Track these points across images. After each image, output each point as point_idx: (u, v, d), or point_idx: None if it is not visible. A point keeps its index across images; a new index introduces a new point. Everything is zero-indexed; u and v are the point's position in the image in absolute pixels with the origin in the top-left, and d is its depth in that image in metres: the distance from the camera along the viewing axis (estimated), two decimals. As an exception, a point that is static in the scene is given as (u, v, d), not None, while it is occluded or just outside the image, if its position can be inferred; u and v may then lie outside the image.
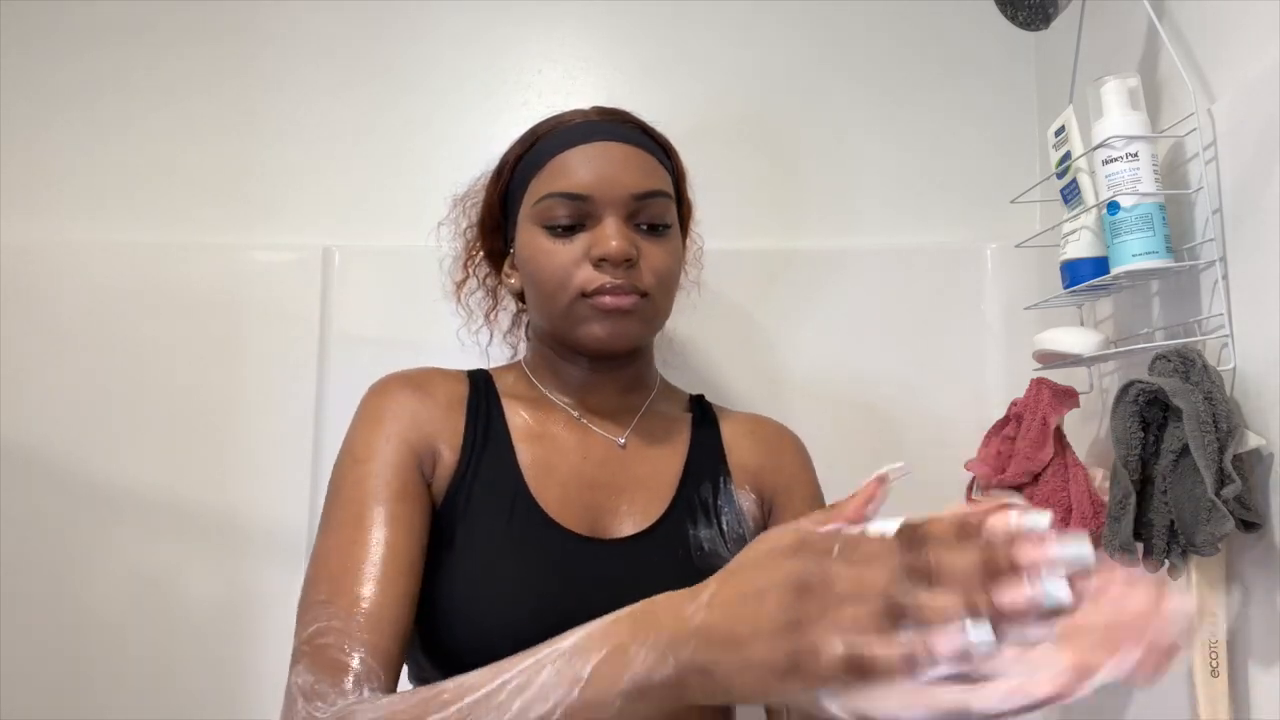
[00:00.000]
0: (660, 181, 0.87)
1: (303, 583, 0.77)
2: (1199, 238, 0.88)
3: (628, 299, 0.82)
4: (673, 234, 0.88)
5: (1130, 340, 1.01)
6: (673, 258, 0.87)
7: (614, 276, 0.82)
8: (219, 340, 1.25)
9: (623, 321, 0.83)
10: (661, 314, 0.88)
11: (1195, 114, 0.87)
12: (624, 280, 0.82)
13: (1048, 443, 0.99)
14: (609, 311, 0.82)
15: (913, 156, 1.35)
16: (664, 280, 0.86)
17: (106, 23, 1.35)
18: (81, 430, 1.23)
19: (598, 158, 0.84)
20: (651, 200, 0.85)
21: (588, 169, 0.84)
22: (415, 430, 0.82)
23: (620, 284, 0.82)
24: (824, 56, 1.37)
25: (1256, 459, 0.79)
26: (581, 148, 0.85)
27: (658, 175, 0.87)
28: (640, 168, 0.86)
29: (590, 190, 0.83)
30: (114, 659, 1.19)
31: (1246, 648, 0.81)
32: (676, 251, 0.88)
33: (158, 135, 1.34)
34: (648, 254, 0.84)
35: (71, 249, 1.28)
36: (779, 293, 1.28)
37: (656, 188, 0.86)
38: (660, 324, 0.90)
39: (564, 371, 0.91)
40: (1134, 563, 0.84)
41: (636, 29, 1.37)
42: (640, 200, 0.84)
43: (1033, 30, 1.03)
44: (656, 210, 0.86)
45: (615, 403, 0.91)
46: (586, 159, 0.84)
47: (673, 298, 0.90)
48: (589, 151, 0.85)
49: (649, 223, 0.85)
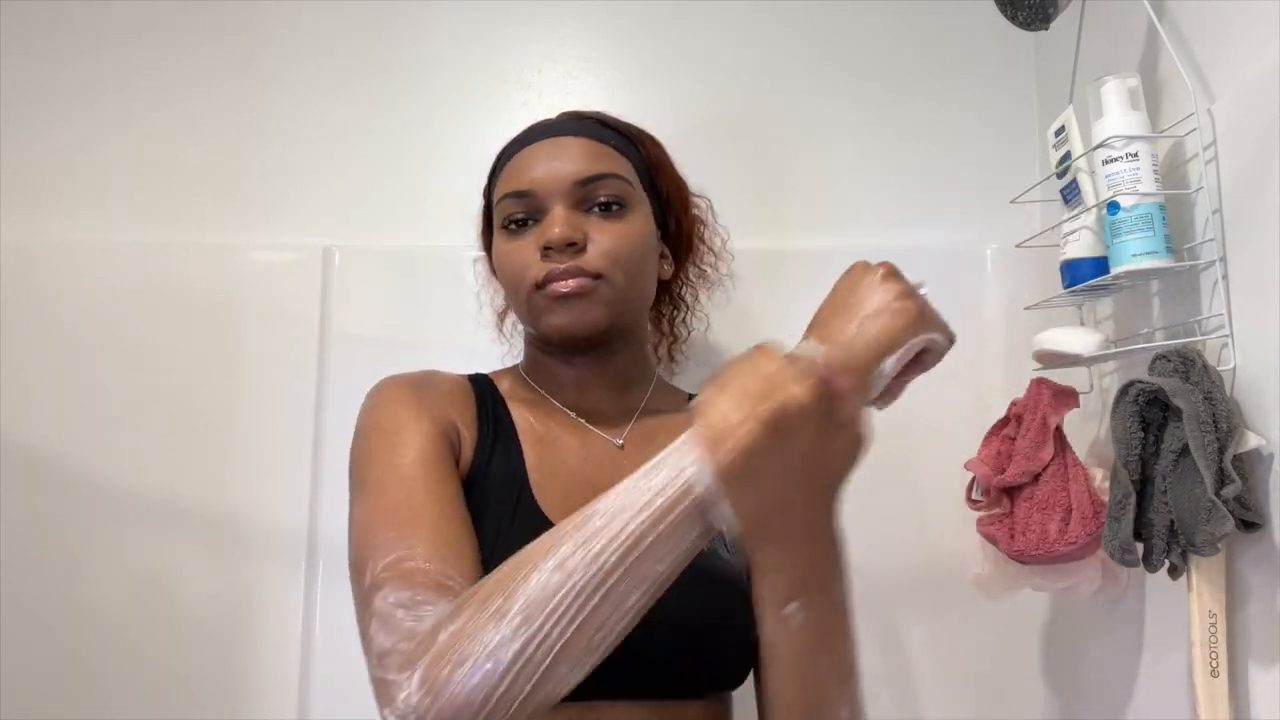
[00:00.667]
0: (608, 165, 0.87)
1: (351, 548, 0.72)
2: (1199, 238, 0.88)
3: (575, 281, 0.82)
4: (630, 215, 0.87)
5: (1130, 340, 1.01)
6: (628, 238, 0.86)
7: (559, 262, 0.83)
8: (219, 340, 1.25)
9: (577, 305, 0.83)
10: (625, 295, 0.86)
11: (1195, 114, 0.87)
12: (570, 264, 0.82)
13: (1048, 443, 0.99)
14: (561, 298, 0.83)
15: (913, 156, 1.35)
16: (618, 260, 0.84)
17: (107, 23, 1.35)
18: (81, 430, 1.23)
19: (541, 153, 0.87)
20: (597, 182, 0.86)
21: (532, 165, 0.87)
22: (437, 408, 0.82)
23: (567, 268, 0.82)
24: (824, 56, 1.37)
25: (1256, 459, 0.79)
26: (529, 148, 0.88)
27: (606, 159, 0.87)
28: (584, 154, 0.87)
29: (533, 185, 0.85)
30: (114, 659, 1.19)
31: (1246, 648, 0.81)
32: (634, 232, 0.87)
33: (158, 135, 1.33)
34: (598, 236, 0.84)
35: (71, 249, 1.28)
36: (778, 293, 1.28)
37: (601, 171, 0.86)
38: (630, 307, 0.88)
39: (556, 371, 0.91)
40: (1134, 563, 0.84)
41: (637, 29, 1.37)
42: (584, 185, 0.85)
43: (1033, 30, 1.03)
44: (606, 190, 0.86)
45: (610, 402, 0.91)
46: (532, 157, 0.87)
47: (638, 278, 0.88)
48: (535, 149, 0.88)
49: (599, 203, 0.85)
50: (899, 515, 1.23)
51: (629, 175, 0.89)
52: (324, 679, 1.19)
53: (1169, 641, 0.92)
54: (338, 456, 1.24)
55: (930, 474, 1.21)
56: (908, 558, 1.23)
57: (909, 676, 1.22)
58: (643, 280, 0.89)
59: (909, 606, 1.22)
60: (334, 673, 1.20)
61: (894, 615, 1.23)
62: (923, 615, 1.22)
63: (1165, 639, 0.94)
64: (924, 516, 1.23)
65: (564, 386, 0.91)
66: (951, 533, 1.15)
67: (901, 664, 1.23)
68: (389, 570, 0.67)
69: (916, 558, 1.22)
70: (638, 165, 0.91)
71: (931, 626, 1.22)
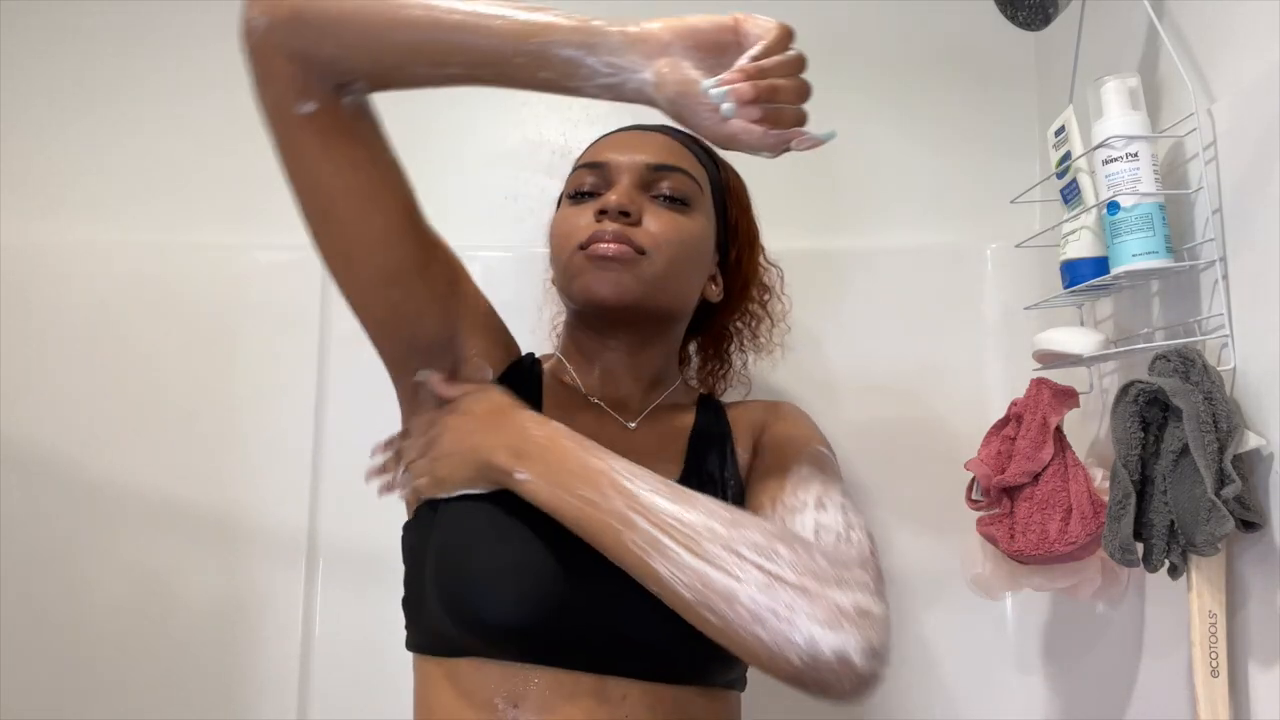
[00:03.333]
0: (684, 161, 0.89)
1: None
2: (1199, 238, 0.88)
3: (617, 246, 0.82)
4: (691, 214, 0.88)
5: (1130, 340, 1.01)
6: (682, 231, 0.86)
7: (606, 230, 0.83)
8: (219, 340, 1.25)
9: (613, 271, 0.82)
10: (661, 280, 0.84)
11: (1195, 114, 0.87)
12: (619, 229, 0.83)
13: (1048, 443, 0.99)
14: (600, 259, 0.83)
15: (913, 156, 1.35)
16: (666, 245, 0.84)
17: (108, 25, 1.35)
18: (82, 430, 1.23)
19: (623, 139, 0.91)
20: (668, 173, 0.87)
21: (611, 146, 0.90)
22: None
23: (615, 232, 0.83)
24: (824, 56, 1.35)
25: (1256, 459, 0.79)
26: (614, 134, 0.92)
27: (683, 157, 0.89)
28: (663, 146, 0.89)
29: (608, 158, 0.88)
30: (114, 659, 1.19)
31: (1246, 648, 0.81)
32: (689, 228, 0.87)
33: (158, 136, 1.33)
34: (654, 218, 0.85)
35: (71, 249, 1.28)
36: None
37: (673, 163, 0.88)
38: (664, 295, 0.86)
39: (588, 355, 0.92)
40: (1134, 563, 0.84)
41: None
42: (655, 171, 0.87)
43: (1033, 30, 1.03)
44: (674, 184, 0.87)
45: (633, 393, 0.92)
46: (614, 140, 0.91)
47: (681, 271, 0.87)
48: (619, 136, 0.92)
49: (665, 194, 0.87)
50: (899, 515, 1.23)
51: (700, 179, 0.90)
52: (324, 679, 1.20)
53: (1169, 641, 0.92)
54: (338, 456, 1.25)
55: (930, 474, 1.21)
56: (908, 557, 1.23)
57: (909, 676, 1.22)
58: (685, 275, 0.88)
59: (909, 606, 1.22)
60: (334, 673, 1.20)
61: (893, 614, 1.23)
62: (922, 615, 1.22)
63: (1165, 639, 0.94)
64: (924, 516, 1.23)
65: (593, 373, 0.92)
66: (951, 533, 1.15)
67: (901, 663, 1.23)
68: None
69: (916, 558, 1.23)
70: (712, 179, 0.93)
71: (931, 626, 1.22)
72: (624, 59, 0.66)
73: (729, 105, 0.63)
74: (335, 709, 1.19)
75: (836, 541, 0.70)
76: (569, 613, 0.73)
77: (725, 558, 0.63)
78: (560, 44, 0.66)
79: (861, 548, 0.70)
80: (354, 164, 0.75)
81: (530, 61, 0.67)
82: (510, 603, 0.72)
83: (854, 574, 0.65)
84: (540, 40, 0.66)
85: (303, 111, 0.72)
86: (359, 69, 0.72)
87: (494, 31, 0.67)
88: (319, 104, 0.72)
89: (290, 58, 0.70)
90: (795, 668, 0.61)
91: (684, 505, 0.66)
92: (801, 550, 0.65)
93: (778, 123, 0.65)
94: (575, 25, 0.66)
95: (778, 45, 0.66)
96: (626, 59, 0.66)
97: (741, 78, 0.64)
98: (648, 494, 0.67)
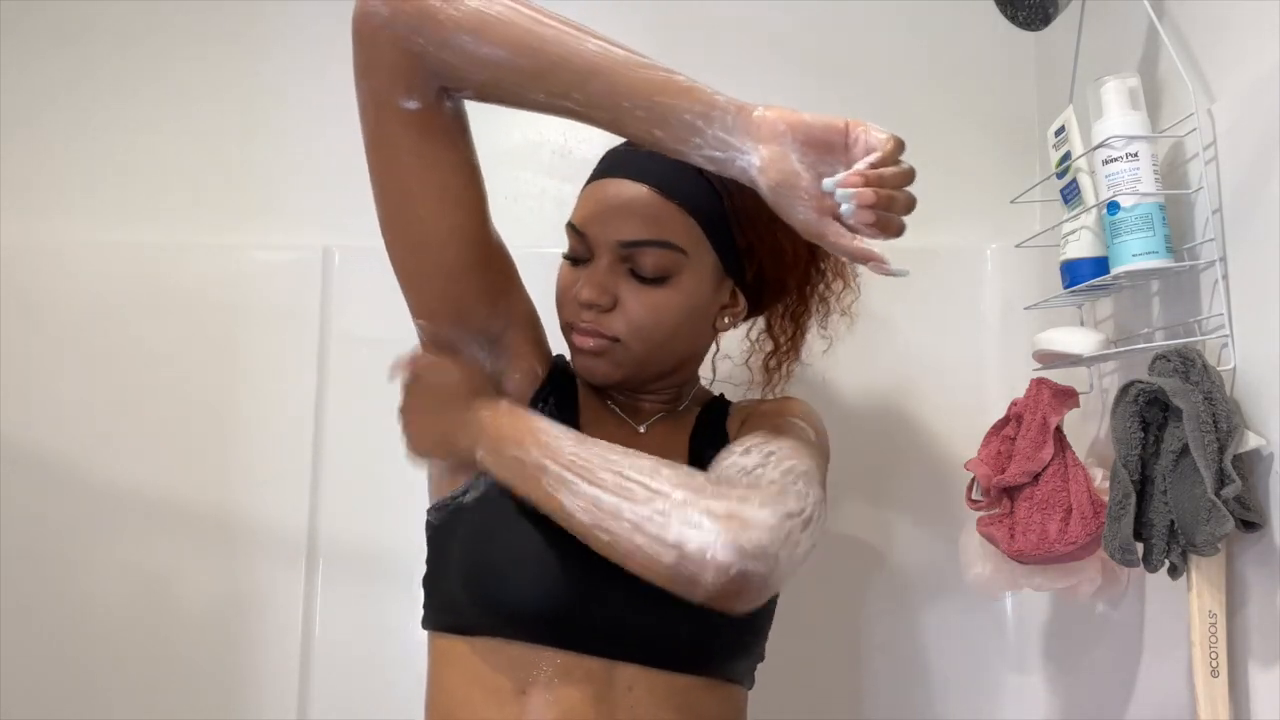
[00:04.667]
0: (661, 230, 0.83)
1: None
2: (1199, 238, 0.88)
3: (593, 341, 0.84)
4: (674, 282, 0.84)
5: (1130, 340, 1.01)
6: (661, 309, 0.84)
7: (581, 319, 0.85)
8: (219, 340, 1.25)
9: (591, 360, 0.86)
10: (643, 360, 0.86)
11: (1195, 114, 0.87)
12: (590, 324, 0.84)
13: (1048, 443, 0.99)
14: (578, 349, 0.86)
15: (913, 156, 1.33)
16: (640, 330, 0.84)
17: (108, 24, 1.35)
18: (81, 430, 1.23)
19: (603, 195, 0.86)
20: (639, 250, 0.83)
21: (591, 205, 0.86)
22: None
23: (587, 326, 0.84)
24: (824, 57, 1.37)
25: (1256, 459, 0.79)
26: (599, 182, 0.87)
27: (661, 223, 0.83)
28: (639, 214, 0.83)
29: (585, 228, 0.86)
30: (114, 659, 1.19)
31: (1246, 648, 0.81)
32: (670, 303, 0.84)
33: (159, 136, 1.33)
34: (627, 302, 0.83)
35: (71, 249, 1.28)
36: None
37: (649, 238, 0.83)
38: (651, 364, 0.87)
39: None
40: (1134, 563, 0.84)
41: (636, 29, 1.36)
42: (627, 248, 0.83)
43: (1033, 30, 1.03)
44: (645, 261, 0.83)
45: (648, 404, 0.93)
46: (599, 194, 0.86)
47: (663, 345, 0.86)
48: (601, 187, 0.86)
49: (642, 274, 0.83)
50: (899, 515, 1.23)
51: (684, 241, 0.84)
52: (324, 679, 1.20)
53: (1169, 641, 0.92)
54: (338, 456, 1.25)
55: (930, 474, 1.21)
56: (908, 557, 1.23)
57: (909, 676, 1.22)
58: (674, 343, 0.88)
59: (909, 606, 1.23)
60: (334, 673, 1.20)
61: (894, 614, 1.23)
62: (922, 615, 1.22)
63: (1165, 639, 0.94)
64: (924, 516, 1.23)
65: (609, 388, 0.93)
66: (951, 533, 1.15)
67: (901, 663, 1.23)
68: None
69: (916, 557, 1.23)
70: (708, 218, 0.85)
71: (931, 626, 1.22)
72: (736, 138, 0.69)
73: (849, 206, 0.67)
74: (335, 709, 1.19)
75: (737, 474, 0.73)
76: (583, 598, 0.76)
77: (614, 480, 0.69)
78: (683, 109, 0.69)
79: (760, 477, 0.72)
80: (444, 164, 0.77)
81: (649, 116, 0.69)
82: (528, 586, 0.76)
83: (736, 490, 0.69)
84: (666, 100, 0.69)
85: (406, 107, 0.73)
86: (476, 81, 0.73)
87: (624, 80, 0.69)
88: (422, 104, 0.73)
89: (406, 53, 0.71)
90: (667, 566, 0.65)
91: (586, 445, 0.72)
92: (685, 472, 0.70)
93: (885, 230, 0.69)
94: (699, 93, 0.69)
95: (892, 156, 0.69)
96: (738, 139, 0.69)
97: (863, 182, 0.67)
98: (557, 441, 0.73)
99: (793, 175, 0.68)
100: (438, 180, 0.77)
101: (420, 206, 0.78)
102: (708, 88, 0.70)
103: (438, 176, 0.77)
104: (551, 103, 0.72)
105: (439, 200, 0.78)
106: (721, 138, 0.69)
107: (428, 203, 0.78)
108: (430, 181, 0.77)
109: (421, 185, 0.77)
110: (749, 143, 0.69)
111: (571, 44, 0.69)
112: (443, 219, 0.78)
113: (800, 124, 0.69)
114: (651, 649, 0.78)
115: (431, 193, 0.77)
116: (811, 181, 0.69)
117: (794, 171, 0.68)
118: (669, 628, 0.77)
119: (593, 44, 0.70)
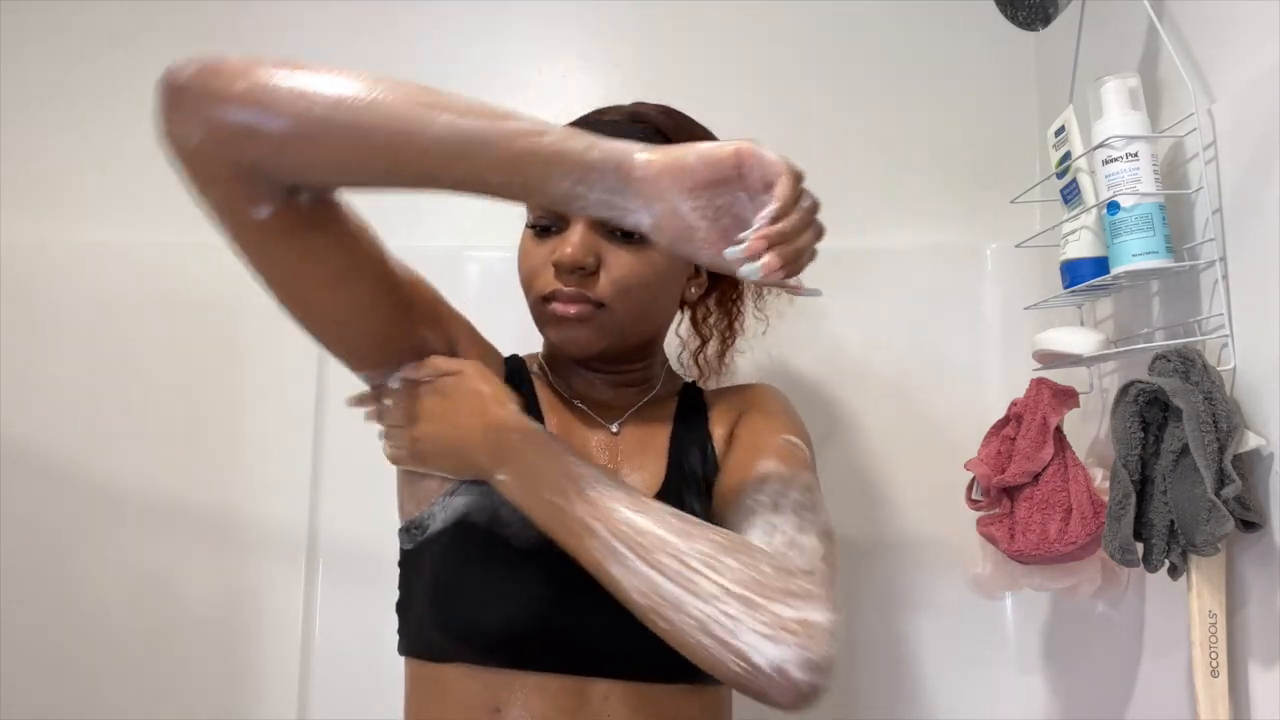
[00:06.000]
0: None
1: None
2: (1199, 238, 0.88)
3: (575, 307, 0.82)
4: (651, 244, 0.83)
5: (1130, 340, 1.01)
6: (642, 269, 0.83)
7: (565, 283, 0.82)
8: (219, 340, 1.25)
9: (574, 329, 0.83)
10: (627, 325, 0.85)
11: (1195, 114, 0.87)
12: (575, 288, 0.82)
13: (1048, 443, 0.99)
14: (560, 318, 0.83)
15: (913, 156, 1.35)
16: (627, 291, 0.83)
17: (107, 24, 1.35)
18: (81, 430, 1.23)
19: None
20: None
21: None
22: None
23: (571, 291, 0.82)
24: (824, 55, 1.37)
25: (1256, 459, 0.79)
26: None
27: None
28: None
29: None
30: (114, 658, 1.19)
31: (1246, 648, 0.81)
32: (650, 262, 0.84)
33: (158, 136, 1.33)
34: (611, 262, 0.82)
35: (71, 249, 1.28)
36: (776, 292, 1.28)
37: None
38: (633, 334, 0.87)
39: (569, 365, 0.92)
40: (1134, 563, 0.84)
41: (636, 29, 1.37)
42: None
43: (1033, 30, 1.03)
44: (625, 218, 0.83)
45: (615, 397, 0.92)
46: None
47: (647, 308, 0.86)
48: None
49: (617, 230, 0.82)
50: (899, 515, 1.23)
51: None
52: (324, 679, 1.20)
53: (1169, 641, 0.92)
54: (338, 456, 1.25)
55: (930, 474, 1.21)
56: (907, 557, 1.23)
57: (908, 675, 1.22)
58: (654, 309, 0.88)
59: (909, 606, 1.23)
60: (334, 673, 1.20)
61: (894, 614, 1.23)
62: (922, 615, 1.22)
63: (1165, 639, 0.94)
64: (924, 517, 1.23)
65: (574, 381, 0.92)
66: (951, 533, 1.15)
67: (901, 663, 1.23)
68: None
69: (916, 557, 1.23)
70: None
71: (931, 626, 1.22)
72: (621, 199, 0.65)
73: (752, 270, 0.62)
74: (335, 709, 1.19)
75: (787, 548, 0.70)
76: (554, 622, 0.76)
77: (674, 567, 0.65)
78: (558, 176, 0.64)
79: (812, 553, 0.70)
80: (319, 252, 0.72)
81: (527, 187, 0.66)
82: (496, 616, 0.76)
83: (798, 583, 0.66)
84: (536, 170, 0.64)
85: (258, 217, 0.68)
86: (323, 182, 0.69)
87: (482, 159, 0.65)
88: (275, 206, 0.68)
89: (237, 169, 0.66)
90: (736, 674, 0.63)
91: (641, 514, 0.68)
92: (748, 561, 0.66)
93: (796, 272, 0.66)
94: (570, 156, 0.64)
95: (790, 200, 0.64)
96: (623, 199, 0.65)
97: (765, 246, 0.62)
98: (609, 503, 0.69)
99: (686, 231, 0.65)
100: (318, 271, 0.73)
101: (311, 296, 0.75)
102: (578, 141, 0.64)
103: (316, 267, 0.73)
104: (425, 187, 0.67)
105: (330, 286, 0.74)
106: (606, 199, 0.65)
107: (318, 290, 0.74)
108: (311, 274, 0.73)
109: (304, 279, 0.73)
110: (636, 202, 0.65)
111: (415, 130, 0.63)
112: (339, 300, 0.75)
113: (684, 171, 0.64)
114: (626, 663, 0.77)
115: (318, 282, 0.74)
116: (709, 225, 0.65)
117: (687, 226, 0.65)
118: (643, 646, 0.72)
119: (441, 121, 0.64)
